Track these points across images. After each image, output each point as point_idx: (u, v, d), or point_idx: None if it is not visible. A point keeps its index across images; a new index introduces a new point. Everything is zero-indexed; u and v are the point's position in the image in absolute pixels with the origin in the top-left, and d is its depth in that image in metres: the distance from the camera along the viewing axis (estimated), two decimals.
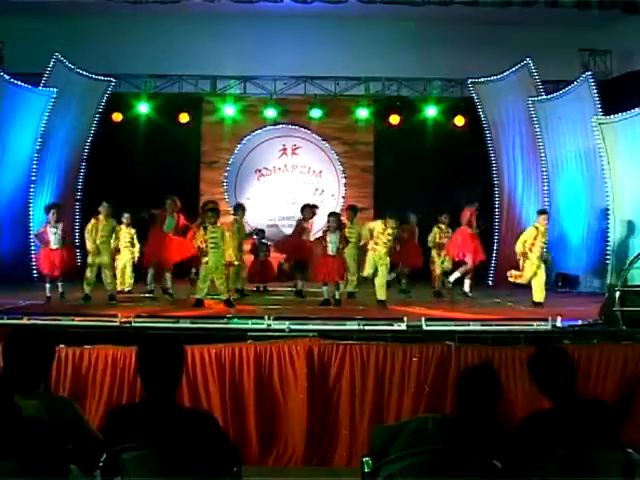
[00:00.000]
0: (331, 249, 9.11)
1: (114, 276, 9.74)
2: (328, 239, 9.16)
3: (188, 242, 9.48)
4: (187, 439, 2.84)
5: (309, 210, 10.50)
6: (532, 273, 9.21)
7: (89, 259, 9.35)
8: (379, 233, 9.22)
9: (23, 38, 11.93)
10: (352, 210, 10.58)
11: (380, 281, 9.15)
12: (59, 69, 12.26)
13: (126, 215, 10.43)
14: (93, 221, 9.47)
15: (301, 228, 10.47)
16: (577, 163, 11.75)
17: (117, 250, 10.19)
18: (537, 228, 9.31)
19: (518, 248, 9.28)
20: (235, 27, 12.98)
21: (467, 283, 10.04)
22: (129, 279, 10.47)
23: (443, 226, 10.46)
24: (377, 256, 9.22)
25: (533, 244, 9.20)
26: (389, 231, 9.20)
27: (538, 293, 9.23)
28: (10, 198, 11.72)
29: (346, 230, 9.67)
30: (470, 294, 9.99)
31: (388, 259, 9.27)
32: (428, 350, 5.71)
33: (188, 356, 4.98)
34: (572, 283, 11.40)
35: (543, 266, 9.29)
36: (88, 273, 9.27)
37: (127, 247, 10.44)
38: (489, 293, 10.92)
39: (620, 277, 7.07)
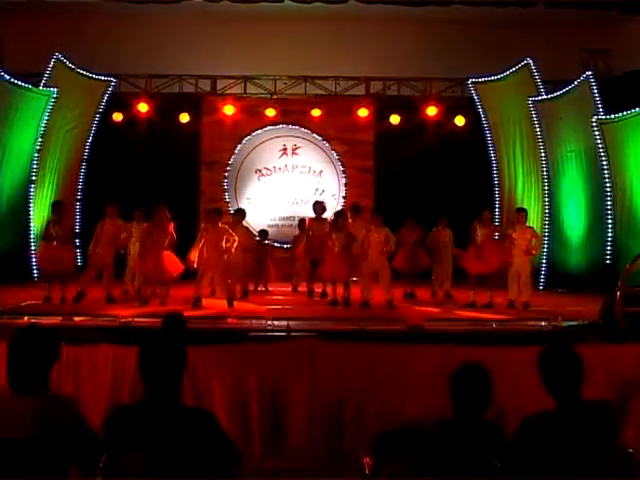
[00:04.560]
0: (337, 248, 9.12)
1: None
2: (334, 238, 9.18)
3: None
4: (187, 439, 2.85)
5: (320, 206, 10.46)
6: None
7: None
8: (371, 235, 9.22)
9: (23, 38, 11.95)
10: (354, 209, 10.47)
11: (385, 282, 9.14)
12: (59, 69, 12.26)
13: (137, 213, 10.17)
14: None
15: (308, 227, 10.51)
16: (577, 163, 11.75)
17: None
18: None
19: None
20: (235, 27, 12.99)
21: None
22: None
23: (440, 227, 10.46)
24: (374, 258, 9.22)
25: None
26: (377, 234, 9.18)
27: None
28: (10, 198, 11.72)
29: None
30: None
31: (385, 260, 9.25)
32: (429, 350, 5.70)
33: (189, 356, 4.97)
34: (572, 283, 11.39)
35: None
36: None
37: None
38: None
39: (620, 277, 7.06)
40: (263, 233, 11.57)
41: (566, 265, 11.86)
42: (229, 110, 13.53)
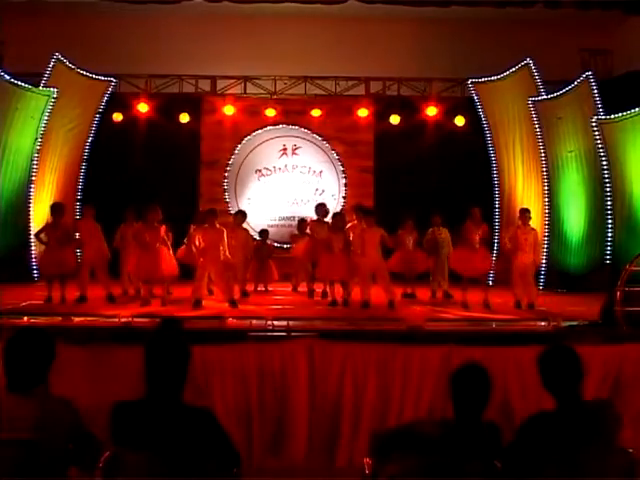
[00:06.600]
0: (336, 249, 9.12)
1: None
2: (333, 238, 9.18)
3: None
4: (188, 438, 2.85)
5: (322, 209, 10.39)
6: None
7: None
8: (365, 234, 9.19)
9: (23, 38, 11.95)
10: (359, 210, 10.31)
11: (384, 281, 9.14)
12: (59, 69, 12.26)
13: (128, 213, 10.18)
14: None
15: (308, 227, 10.50)
16: (577, 163, 11.75)
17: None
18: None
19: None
20: (235, 27, 13.00)
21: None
22: None
23: (435, 227, 10.41)
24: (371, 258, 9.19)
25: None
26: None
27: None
28: (10, 198, 11.72)
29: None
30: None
31: (383, 260, 9.24)
32: (429, 350, 5.70)
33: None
34: (572, 283, 11.39)
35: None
36: None
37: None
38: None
39: (620, 277, 7.06)
40: (264, 233, 11.56)
41: (566, 265, 11.85)
42: (229, 110, 13.53)
